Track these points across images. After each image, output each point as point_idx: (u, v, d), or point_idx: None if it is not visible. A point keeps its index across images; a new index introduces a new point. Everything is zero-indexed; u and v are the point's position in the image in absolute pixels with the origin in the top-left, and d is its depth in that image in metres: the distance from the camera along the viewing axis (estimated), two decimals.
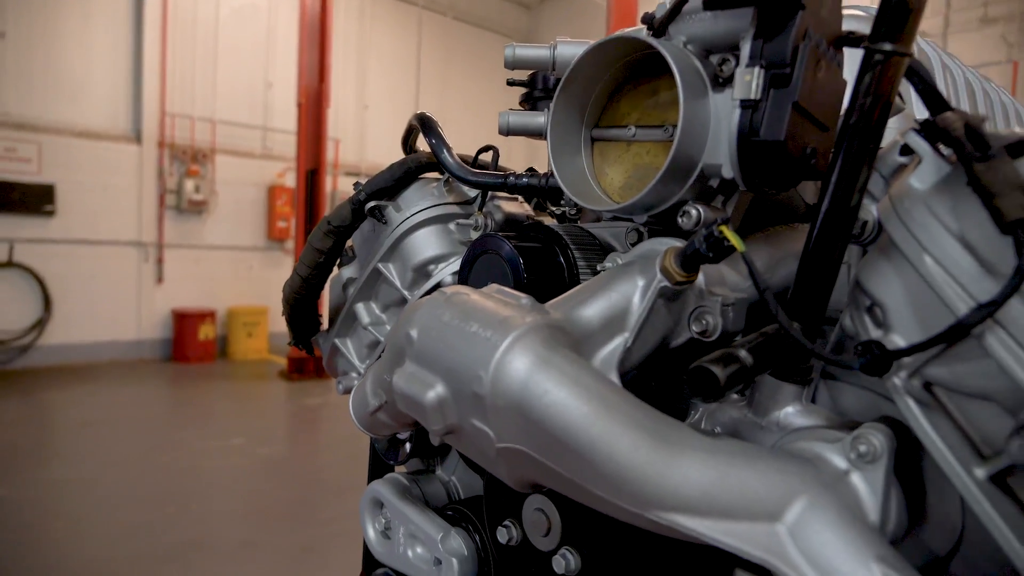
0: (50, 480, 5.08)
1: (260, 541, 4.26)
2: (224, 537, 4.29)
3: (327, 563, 4.03)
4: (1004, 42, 9.62)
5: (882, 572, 0.45)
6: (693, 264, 0.58)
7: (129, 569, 3.77)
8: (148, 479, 5.23)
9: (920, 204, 0.50)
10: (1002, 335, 0.45)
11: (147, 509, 4.63)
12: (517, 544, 0.74)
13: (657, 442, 0.49)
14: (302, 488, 5.22)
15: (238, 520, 4.59)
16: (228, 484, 5.24)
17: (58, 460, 5.55)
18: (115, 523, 4.38)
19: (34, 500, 4.71)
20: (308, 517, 4.69)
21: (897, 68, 0.52)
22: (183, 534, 4.25)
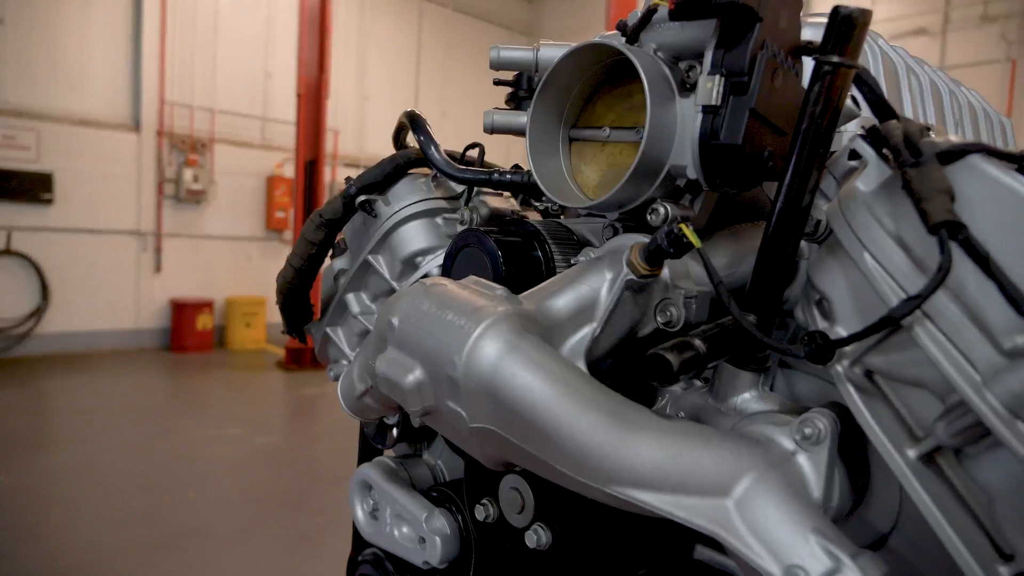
0: (48, 467, 5.12)
1: (256, 529, 4.31)
2: (221, 525, 4.33)
3: (323, 551, 4.08)
4: (1003, 40, 9.64)
5: (817, 542, 0.50)
6: (656, 259, 0.62)
7: (127, 555, 3.82)
8: (146, 467, 5.27)
9: (862, 206, 0.54)
10: (930, 327, 0.49)
11: (145, 496, 4.67)
12: (494, 521, 0.79)
13: (615, 422, 0.54)
14: (299, 477, 5.27)
15: (235, 508, 4.63)
16: (225, 473, 5.29)
17: (56, 447, 5.59)
18: (113, 510, 4.42)
19: (32, 486, 4.75)
20: (304, 506, 4.73)
21: (845, 78, 0.55)
22: (180, 521, 4.30)
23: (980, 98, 1.15)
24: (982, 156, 0.49)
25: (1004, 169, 0.49)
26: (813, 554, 0.49)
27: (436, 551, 0.93)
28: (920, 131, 0.53)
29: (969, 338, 0.48)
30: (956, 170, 0.50)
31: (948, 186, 0.48)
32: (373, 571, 1.10)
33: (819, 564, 0.49)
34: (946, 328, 0.49)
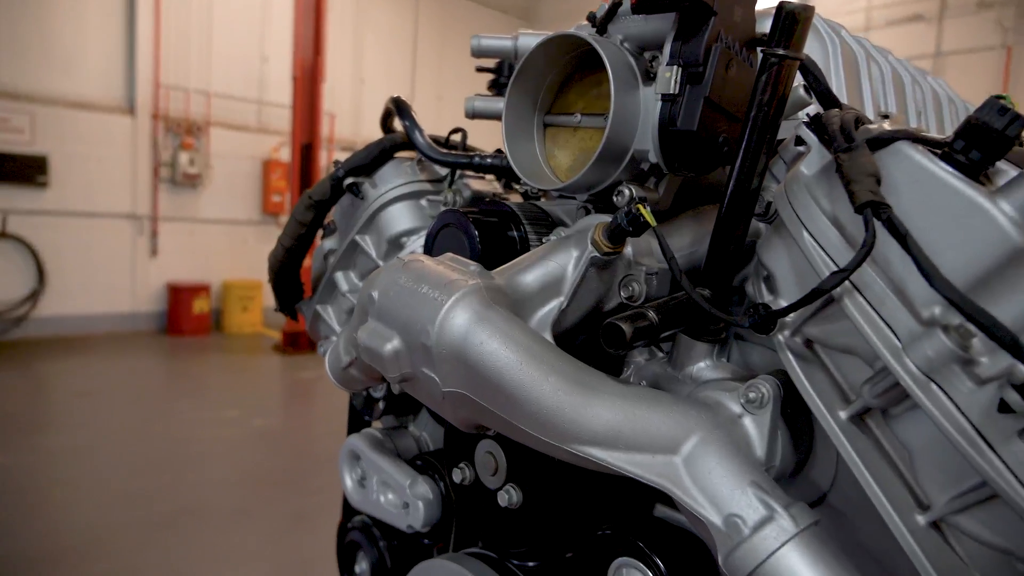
0: (46, 448, 5.16)
1: (253, 509, 4.37)
2: (218, 505, 4.39)
3: (318, 530, 4.14)
4: (999, 27, 9.63)
5: (754, 494, 0.55)
6: (618, 237, 0.66)
7: (125, 534, 3.88)
8: (143, 448, 5.32)
9: (803, 188, 0.59)
10: (858, 298, 0.54)
11: (143, 477, 4.73)
12: (470, 483, 0.84)
13: (575, 386, 0.59)
14: (295, 458, 5.33)
15: (232, 488, 4.69)
16: (222, 454, 5.34)
17: (54, 429, 5.64)
18: (111, 490, 4.48)
19: (31, 467, 4.79)
20: (301, 486, 4.79)
21: (790, 69, 0.60)
22: (178, 501, 4.35)
23: (945, 86, 1.19)
24: (908, 143, 0.54)
25: (927, 155, 0.53)
26: (750, 504, 0.55)
27: (419, 515, 0.98)
28: (855, 120, 0.58)
29: (892, 308, 0.53)
30: (884, 155, 0.55)
31: (875, 170, 0.53)
32: (361, 536, 1.16)
33: (755, 513, 0.54)
34: (872, 299, 0.54)
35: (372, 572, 1.13)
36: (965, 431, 0.49)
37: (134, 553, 3.67)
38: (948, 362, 0.50)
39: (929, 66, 10.10)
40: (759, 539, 0.52)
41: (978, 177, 0.53)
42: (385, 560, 1.11)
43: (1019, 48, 9.57)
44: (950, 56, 10.08)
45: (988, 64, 9.77)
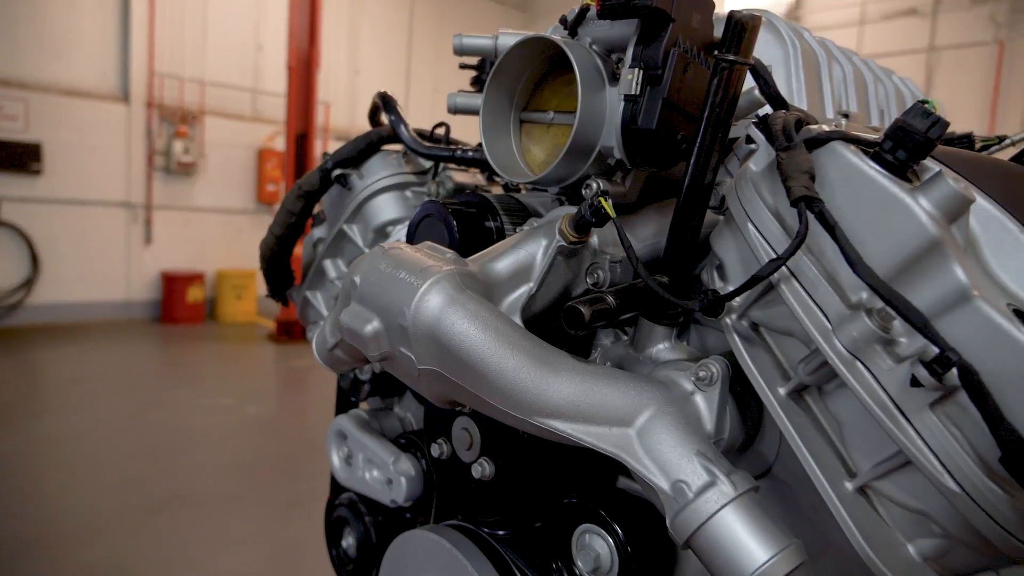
0: (41, 434, 5.20)
1: (247, 495, 4.42)
2: (212, 491, 4.44)
3: (312, 515, 4.20)
4: (992, 22, 9.69)
5: (699, 462, 0.60)
6: (583, 228, 0.71)
7: (119, 519, 3.93)
8: (138, 435, 5.37)
9: (750, 183, 0.64)
10: (795, 284, 0.59)
11: (137, 463, 4.77)
12: (447, 458, 0.89)
13: (538, 364, 0.64)
14: (289, 446, 5.38)
15: (226, 475, 4.74)
16: (217, 441, 5.39)
17: (49, 416, 5.67)
18: (106, 476, 4.52)
19: (26, 453, 4.84)
20: (294, 473, 4.84)
21: (740, 73, 0.65)
22: (173, 487, 4.40)
23: (911, 85, 1.24)
24: (842, 143, 0.59)
25: (858, 154, 0.58)
26: (695, 471, 0.60)
27: (402, 490, 1.03)
28: (796, 121, 0.63)
29: (824, 294, 0.58)
30: (821, 154, 0.60)
31: (810, 167, 0.58)
32: (348, 512, 1.21)
33: (699, 479, 0.59)
34: (807, 285, 0.59)
35: (358, 546, 1.18)
36: (885, 404, 0.54)
37: (128, 537, 3.72)
38: (871, 342, 0.55)
39: (923, 61, 10.16)
40: (702, 502, 0.58)
41: (905, 175, 0.58)
42: (370, 535, 1.17)
43: (1011, 43, 9.63)
44: (944, 51, 10.14)
45: (981, 59, 9.84)
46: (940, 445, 0.52)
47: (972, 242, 0.58)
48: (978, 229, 0.58)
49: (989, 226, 0.58)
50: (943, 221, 0.54)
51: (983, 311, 0.51)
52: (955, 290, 0.53)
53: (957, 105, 9.97)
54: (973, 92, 9.90)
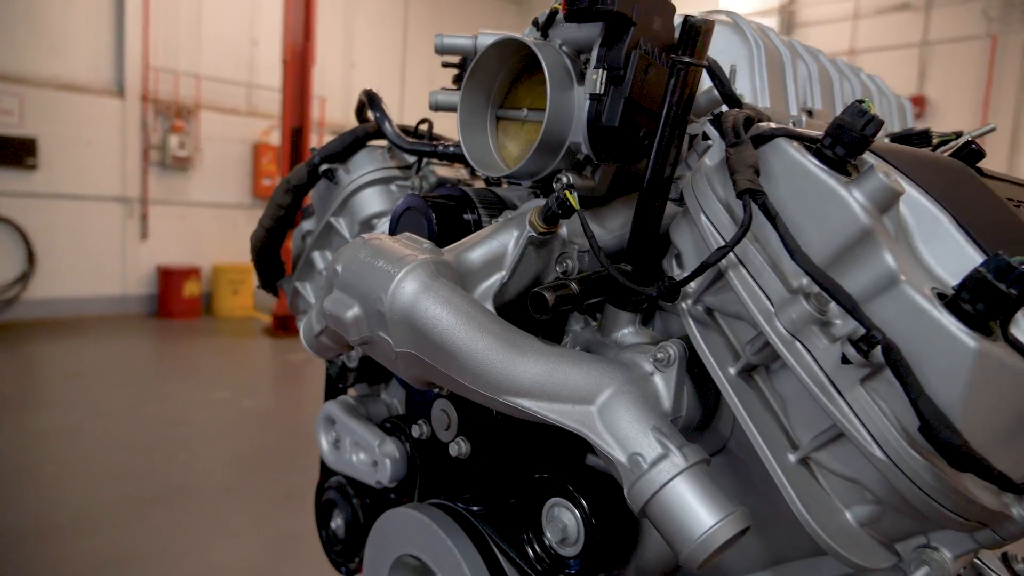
0: (39, 428, 5.23)
1: (243, 487, 4.47)
2: (209, 483, 4.48)
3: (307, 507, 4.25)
4: (985, 17, 9.73)
5: (655, 436, 0.65)
6: (552, 219, 0.76)
7: (118, 510, 3.97)
8: (135, 428, 5.40)
9: (703, 177, 0.68)
10: (742, 271, 0.64)
11: (134, 456, 4.81)
12: (427, 438, 0.94)
13: (506, 346, 0.68)
14: (285, 439, 5.42)
15: (223, 467, 4.79)
16: (213, 434, 5.43)
17: (46, 409, 5.70)
18: (103, 469, 4.56)
19: (24, 446, 4.87)
20: (290, 465, 4.87)
21: (695, 74, 0.69)
22: (169, 480, 4.44)
23: (880, 82, 1.29)
24: (786, 139, 0.64)
25: (800, 150, 0.63)
26: (650, 444, 0.65)
27: (387, 471, 1.08)
28: (745, 119, 0.67)
29: (768, 279, 0.63)
30: (767, 149, 0.64)
31: (755, 162, 0.62)
32: (337, 495, 1.26)
33: (653, 451, 0.64)
34: (753, 271, 0.64)
35: (346, 527, 1.23)
36: (820, 381, 0.59)
37: (125, 529, 3.77)
38: (809, 324, 0.60)
39: (916, 55, 10.19)
40: (655, 472, 0.63)
41: (845, 169, 0.63)
42: (358, 516, 1.22)
43: (1004, 38, 9.67)
44: (937, 45, 10.18)
45: (974, 53, 9.89)
46: (869, 417, 0.57)
47: (904, 231, 0.63)
48: (911, 219, 0.63)
49: (921, 216, 0.63)
50: (875, 212, 0.59)
51: (908, 294, 0.56)
52: (884, 275, 0.57)
53: (950, 99, 10.02)
54: (966, 86, 9.95)
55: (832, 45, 10.64)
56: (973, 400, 0.53)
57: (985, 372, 0.53)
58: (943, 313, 0.55)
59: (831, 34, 10.84)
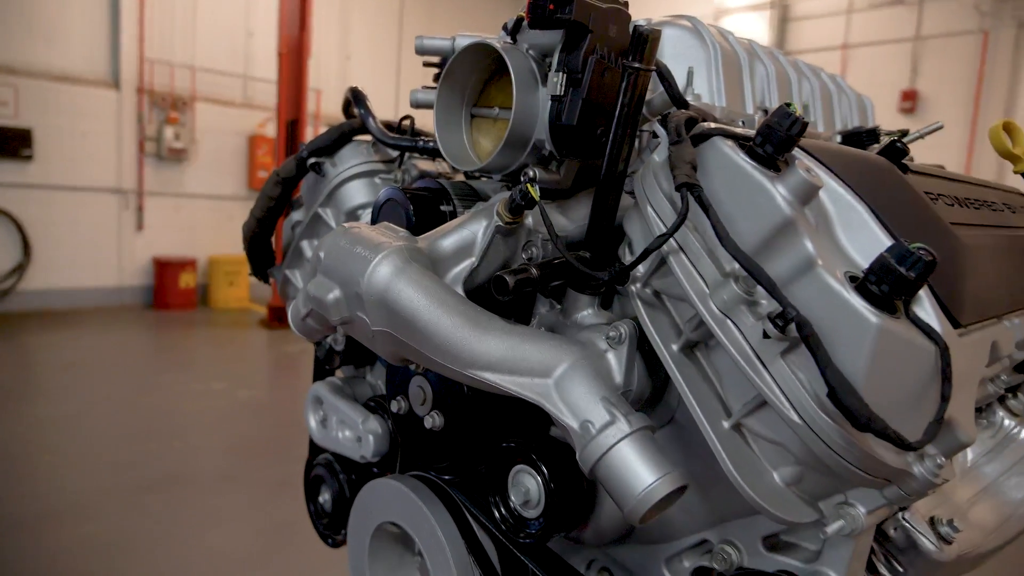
0: (35, 417, 5.28)
1: (239, 475, 4.54)
2: (205, 471, 4.55)
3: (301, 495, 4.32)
4: (977, 12, 9.80)
5: (604, 405, 0.72)
6: (517, 210, 0.83)
7: (114, 498, 4.03)
8: (131, 418, 5.46)
9: (651, 172, 0.76)
10: (682, 257, 0.71)
11: (130, 445, 4.87)
12: (405, 413, 1.01)
13: (471, 324, 0.76)
14: (280, 428, 5.48)
15: (218, 456, 4.85)
16: (209, 424, 5.49)
17: (43, 399, 5.75)
18: (100, 457, 4.62)
19: (21, 435, 4.92)
20: (285, 454, 4.93)
21: (645, 78, 0.76)
22: (165, 468, 4.51)
23: (840, 81, 1.36)
24: (721, 138, 0.71)
25: (734, 148, 0.70)
26: (599, 412, 0.72)
27: (370, 446, 1.16)
28: (688, 119, 0.74)
29: (704, 264, 0.70)
30: (705, 147, 0.72)
31: (693, 158, 0.69)
32: (324, 471, 1.33)
33: (601, 418, 0.71)
34: (691, 257, 0.71)
35: (333, 501, 1.31)
36: (747, 354, 0.66)
37: (121, 515, 3.83)
38: (738, 304, 0.67)
39: (909, 49, 10.26)
40: (603, 437, 0.70)
41: (776, 165, 0.70)
42: (344, 490, 1.29)
43: (995, 33, 9.74)
44: (929, 40, 10.24)
45: (966, 48, 9.95)
46: (788, 386, 0.64)
47: (826, 220, 0.70)
48: (832, 209, 0.70)
49: (841, 207, 0.70)
50: (797, 204, 0.66)
51: (823, 277, 0.63)
52: (803, 260, 0.65)
53: (942, 94, 10.08)
54: (958, 81, 10.02)
55: (826, 40, 10.70)
56: (875, 370, 0.61)
57: (886, 345, 0.61)
58: (851, 294, 0.62)
59: (825, 28, 10.88)
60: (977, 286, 0.76)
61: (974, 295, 0.75)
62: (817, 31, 10.72)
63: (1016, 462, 1.05)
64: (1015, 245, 0.92)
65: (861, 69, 10.40)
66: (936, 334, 0.63)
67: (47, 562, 3.28)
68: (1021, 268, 0.91)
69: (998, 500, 1.00)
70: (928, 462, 0.65)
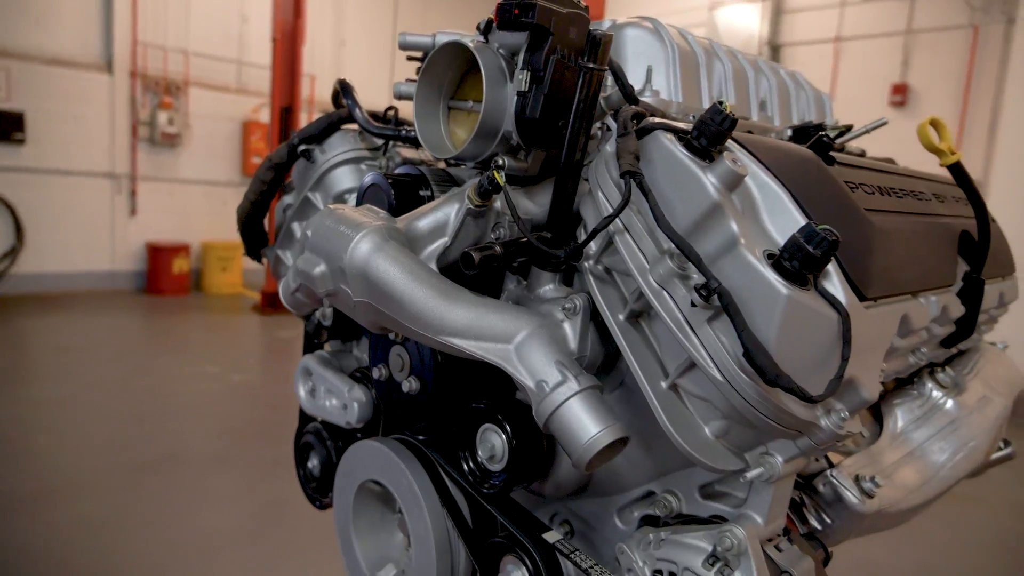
0: (30, 399, 5.36)
1: (233, 456, 4.63)
2: (199, 451, 4.64)
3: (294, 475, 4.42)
4: (968, 6, 9.88)
5: (557, 367, 0.82)
6: (485, 194, 0.92)
7: (109, 476, 4.12)
8: (125, 400, 5.55)
9: (602, 160, 0.85)
10: (626, 236, 0.81)
11: (125, 426, 4.96)
12: (385, 379, 1.11)
13: (441, 295, 0.85)
14: (273, 411, 5.58)
15: (212, 437, 4.94)
16: (203, 406, 5.58)
17: (38, 382, 5.82)
18: (95, 438, 4.70)
19: (16, 416, 5.00)
20: (278, 435, 5.02)
21: (599, 76, 0.85)
22: (160, 448, 4.60)
23: (801, 79, 1.45)
24: (663, 131, 0.80)
25: (673, 140, 0.79)
26: (553, 373, 0.82)
27: (355, 413, 1.25)
28: (635, 113, 0.83)
29: (646, 243, 0.79)
30: (648, 140, 0.81)
31: (636, 149, 0.78)
32: (314, 438, 1.43)
33: (554, 378, 0.81)
34: (635, 237, 0.80)
35: (321, 466, 1.41)
36: (680, 322, 0.76)
37: (117, 494, 3.92)
38: (673, 277, 0.77)
39: (900, 43, 10.34)
40: (555, 394, 0.79)
41: (709, 156, 0.79)
42: (331, 456, 1.39)
43: (985, 28, 9.83)
44: (921, 34, 10.32)
45: (956, 42, 10.05)
46: (713, 348, 0.74)
47: (752, 205, 0.79)
48: (758, 195, 0.80)
49: (767, 193, 0.80)
50: (724, 190, 0.76)
51: (743, 254, 0.73)
52: (729, 239, 0.74)
53: (932, 87, 10.16)
54: (948, 75, 10.10)
55: (819, 32, 10.76)
56: (785, 334, 0.70)
57: (794, 313, 0.70)
58: (766, 268, 0.72)
59: (818, 21, 10.93)
60: (886, 265, 0.86)
61: (882, 273, 0.85)
62: (810, 23, 10.78)
63: (941, 429, 1.15)
64: (932, 230, 1.02)
65: (853, 62, 10.48)
66: (839, 304, 0.73)
67: (43, 539, 3.36)
68: (937, 251, 1.01)
69: (922, 463, 1.10)
70: (834, 416, 0.75)
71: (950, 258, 1.06)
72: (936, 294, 0.99)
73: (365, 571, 1.18)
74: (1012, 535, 4.28)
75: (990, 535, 4.25)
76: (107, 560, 3.23)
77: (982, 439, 1.17)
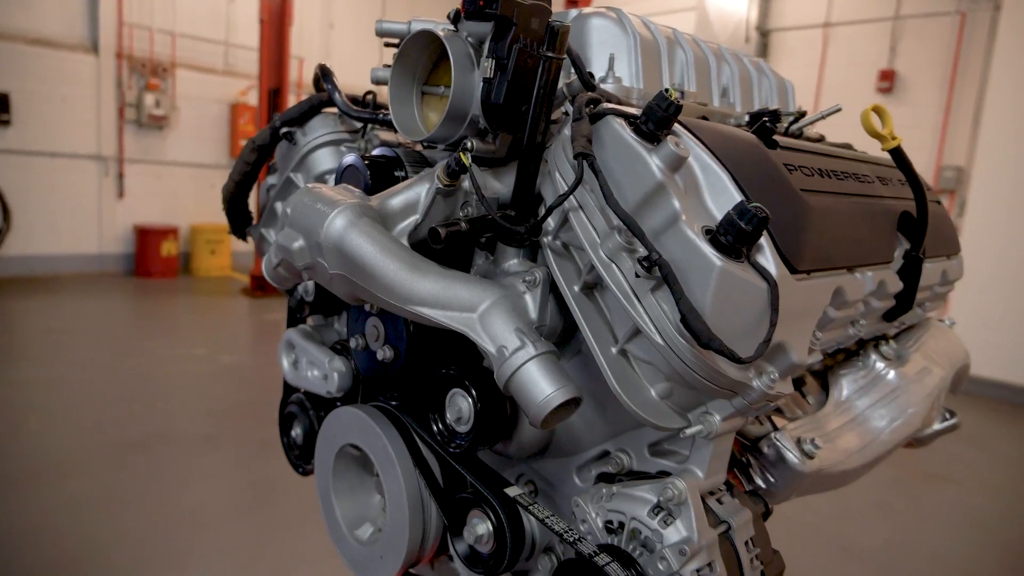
0: (20, 380, 5.40)
1: (221, 435, 4.70)
2: (187, 431, 4.71)
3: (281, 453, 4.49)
4: None
5: (516, 334, 0.89)
6: (453, 175, 0.98)
7: (99, 455, 4.18)
8: (115, 381, 5.59)
9: (560, 144, 0.91)
10: (580, 214, 0.88)
11: (114, 406, 5.01)
12: (362, 349, 1.18)
13: (410, 267, 0.92)
14: (261, 392, 5.64)
15: (201, 417, 5.01)
16: (192, 387, 5.64)
17: (27, 363, 5.85)
18: (84, 417, 4.75)
19: (6, 397, 5.04)
20: (266, 416, 5.08)
21: (557, 65, 0.92)
22: (149, 428, 4.66)
23: (765, 67, 1.52)
24: (614, 116, 0.87)
25: (623, 125, 0.86)
26: (512, 340, 0.89)
27: (335, 383, 1.32)
28: (589, 99, 0.90)
29: (597, 219, 0.86)
30: (601, 124, 0.87)
31: (589, 132, 0.85)
32: (297, 408, 1.50)
33: (514, 344, 0.88)
34: (588, 214, 0.87)
35: (303, 434, 1.48)
36: (626, 292, 0.83)
37: (107, 472, 3.98)
38: (620, 251, 0.84)
39: (888, 29, 10.40)
40: (514, 358, 0.87)
41: (656, 139, 0.86)
42: (314, 425, 1.46)
43: (972, 15, 9.90)
44: (908, 20, 10.38)
45: (943, 29, 10.12)
46: (655, 315, 0.81)
47: (695, 185, 0.86)
48: (701, 176, 0.87)
49: (708, 174, 0.87)
50: (667, 171, 0.83)
51: (683, 229, 0.80)
52: (671, 216, 0.81)
53: (919, 74, 10.23)
54: (935, 62, 10.17)
55: (808, 18, 10.78)
56: (718, 302, 0.78)
57: (727, 282, 0.78)
58: (703, 242, 0.79)
59: (808, 7, 10.95)
60: (819, 241, 0.93)
61: (815, 248, 0.92)
62: (799, 9, 10.80)
63: (882, 397, 1.24)
64: (870, 210, 1.10)
65: (841, 48, 10.53)
66: (769, 275, 0.80)
67: (34, 517, 3.43)
68: (875, 229, 1.09)
69: (863, 428, 1.18)
70: (765, 377, 0.83)
71: (889, 236, 1.14)
72: (873, 270, 1.07)
73: (345, 530, 1.25)
74: (981, 512, 4.43)
75: (960, 513, 4.40)
76: (95, 538, 3.30)
77: (920, 407, 1.25)
